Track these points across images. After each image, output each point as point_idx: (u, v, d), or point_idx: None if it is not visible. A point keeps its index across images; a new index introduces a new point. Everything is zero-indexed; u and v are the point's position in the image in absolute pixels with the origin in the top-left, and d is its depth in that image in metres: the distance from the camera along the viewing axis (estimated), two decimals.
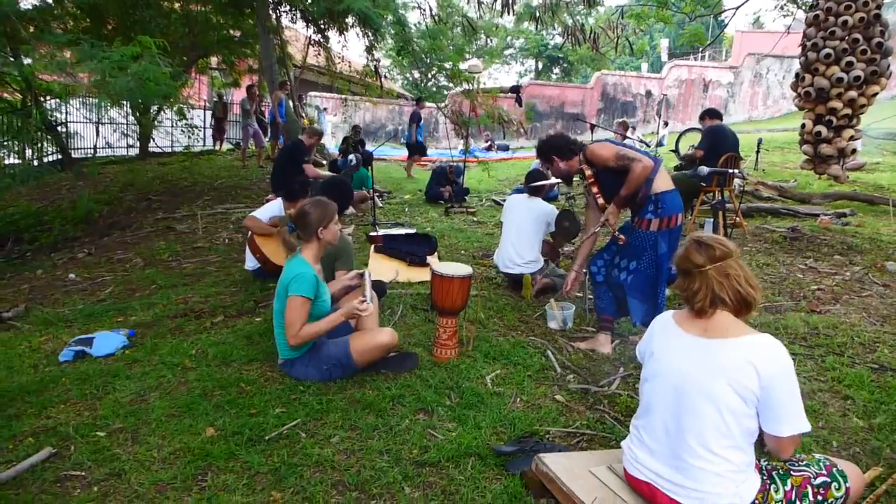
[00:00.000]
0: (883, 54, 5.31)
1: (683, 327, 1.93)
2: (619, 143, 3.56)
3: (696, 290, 1.87)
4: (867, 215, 7.58)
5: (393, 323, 3.83)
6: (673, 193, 3.38)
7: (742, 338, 1.80)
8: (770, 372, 1.73)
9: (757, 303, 1.89)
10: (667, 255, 3.35)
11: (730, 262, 1.86)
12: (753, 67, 23.66)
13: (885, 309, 4.25)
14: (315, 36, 12.01)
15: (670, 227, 3.35)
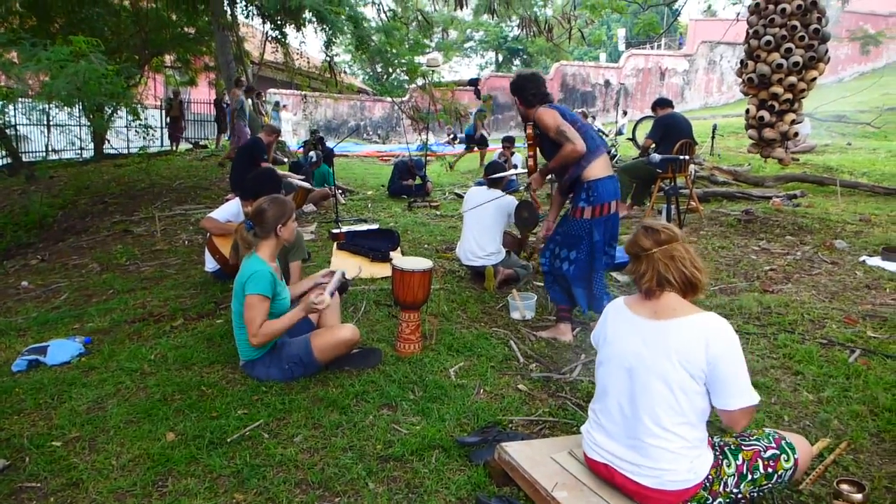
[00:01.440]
0: (820, 40, 5.49)
1: (634, 310, 2.00)
2: (576, 120, 3.48)
3: (644, 272, 1.95)
4: (817, 196, 7.83)
5: (356, 319, 3.83)
6: (607, 181, 3.37)
7: (689, 317, 1.88)
8: (716, 348, 1.80)
9: (703, 284, 1.96)
10: (601, 242, 3.38)
11: (675, 246, 1.94)
12: (707, 55, 24.18)
13: (834, 286, 4.40)
14: (272, 32, 11.84)
15: (604, 214, 3.35)
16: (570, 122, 3.40)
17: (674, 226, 2.03)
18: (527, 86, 3.53)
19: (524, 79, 3.59)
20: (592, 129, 3.56)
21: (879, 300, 4.09)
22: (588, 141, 3.35)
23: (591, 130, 3.49)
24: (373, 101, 21.73)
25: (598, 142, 3.45)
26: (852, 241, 5.56)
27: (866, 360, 3.16)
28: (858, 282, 4.48)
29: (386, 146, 17.51)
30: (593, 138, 3.44)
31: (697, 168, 9.04)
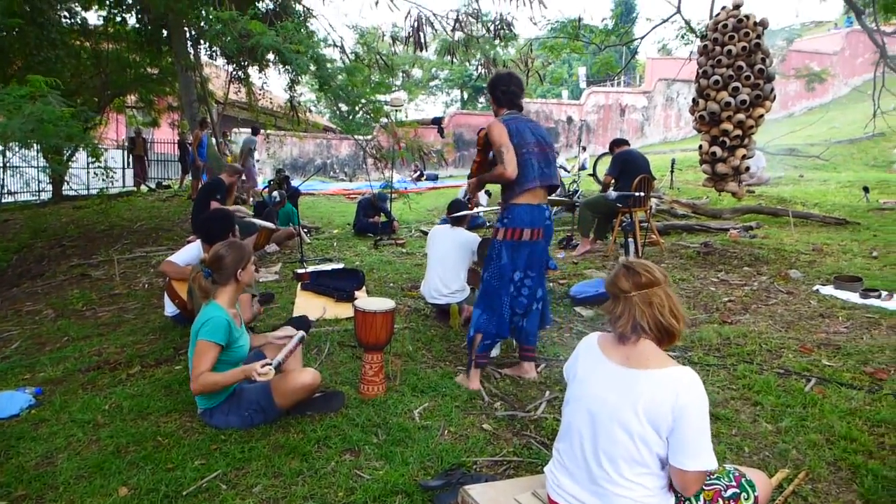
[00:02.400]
0: (765, 79, 5.75)
1: (606, 352, 1.94)
2: (528, 142, 3.31)
3: (619, 314, 1.89)
4: (772, 227, 8.09)
5: (320, 361, 3.78)
6: (525, 207, 3.29)
7: (661, 370, 1.82)
8: (683, 404, 1.74)
9: (680, 334, 1.90)
10: (508, 267, 3.32)
11: (655, 291, 1.87)
12: (665, 92, 25.01)
13: (789, 315, 4.52)
14: (236, 72, 11.90)
15: (514, 239, 3.30)
16: (519, 142, 3.27)
17: (657, 268, 1.95)
18: (498, 84, 3.49)
19: (498, 77, 3.59)
20: (543, 158, 3.35)
21: (833, 328, 4.21)
22: (526, 169, 3.25)
23: (532, 159, 3.29)
24: (339, 139, 21.82)
25: (536, 173, 3.29)
26: (806, 271, 5.74)
27: (822, 389, 3.23)
28: (813, 311, 4.61)
29: (352, 184, 17.54)
30: (532, 168, 3.28)
31: (658, 202, 9.27)
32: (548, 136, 3.46)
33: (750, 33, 5.75)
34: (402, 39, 6.16)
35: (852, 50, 26.14)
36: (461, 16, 5.96)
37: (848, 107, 22.80)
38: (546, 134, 3.46)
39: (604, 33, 10.85)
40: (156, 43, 10.66)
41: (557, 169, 3.53)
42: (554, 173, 3.40)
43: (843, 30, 26.91)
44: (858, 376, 3.38)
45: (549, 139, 3.45)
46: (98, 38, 11.39)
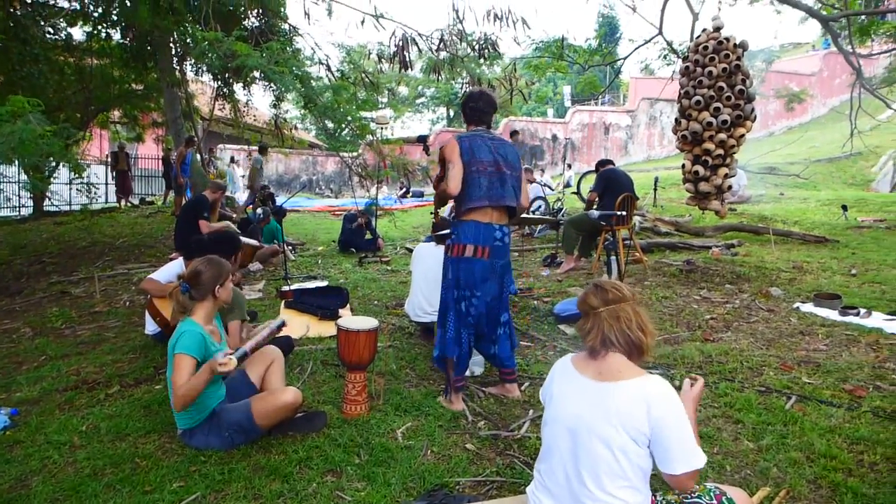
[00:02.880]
0: (746, 100, 5.85)
1: (579, 369, 2.00)
2: (484, 161, 3.28)
3: (589, 330, 1.97)
4: (753, 245, 8.18)
5: (302, 381, 3.75)
6: (472, 225, 3.27)
7: (632, 380, 1.87)
8: (658, 412, 1.80)
9: (649, 348, 1.97)
10: (452, 282, 3.32)
11: (623, 307, 1.95)
12: (648, 111, 25.37)
13: (770, 333, 4.56)
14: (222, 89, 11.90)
15: (459, 255, 3.29)
16: (469, 160, 3.24)
17: (625, 286, 2.04)
18: (468, 101, 3.50)
19: (469, 94, 3.59)
20: (497, 178, 3.30)
21: (813, 346, 4.25)
22: (471, 188, 3.24)
23: (481, 178, 3.25)
24: (325, 155, 21.85)
25: (483, 193, 3.25)
26: (787, 289, 5.81)
27: (802, 407, 3.26)
28: (793, 328, 4.66)
29: (338, 201, 17.54)
30: (479, 187, 3.25)
31: (641, 219, 9.36)
32: (512, 157, 3.40)
33: (730, 55, 5.87)
34: (387, 58, 6.20)
35: (830, 71, 26.71)
36: (446, 36, 6.02)
37: (827, 126, 23.24)
38: (511, 154, 3.41)
39: (587, 53, 11.01)
40: (141, 59, 10.64)
41: (518, 189, 3.40)
42: (508, 194, 3.32)
43: (821, 51, 27.51)
44: (838, 394, 3.42)
45: (512, 159, 3.39)
46: (82, 54, 11.34)
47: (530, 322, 5.02)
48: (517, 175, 3.41)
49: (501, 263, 3.38)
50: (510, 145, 3.48)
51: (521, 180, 3.44)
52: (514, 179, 3.38)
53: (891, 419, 3.07)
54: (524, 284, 6.36)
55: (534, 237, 9.42)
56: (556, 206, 9.87)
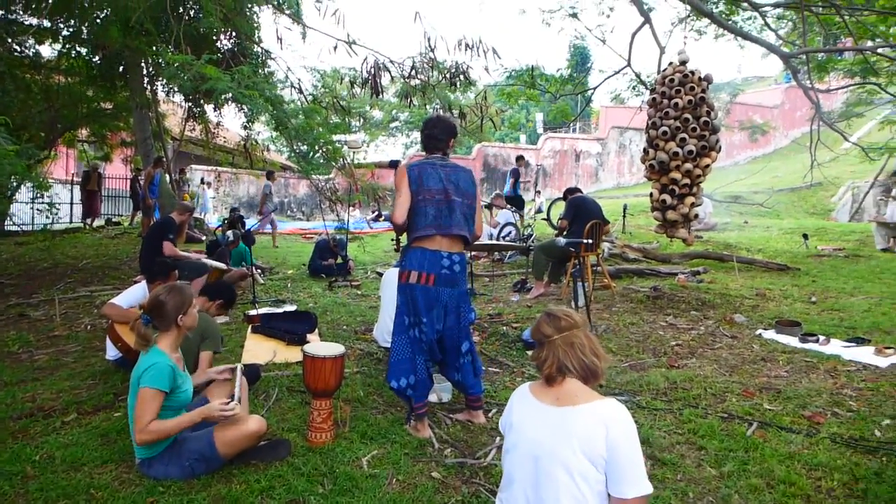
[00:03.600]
0: (711, 131, 6.03)
1: (537, 396, 2.03)
2: (432, 189, 3.31)
3: (545, 358, 2.00)
4: (718, 272, 8.35)
5: (267, 407, 3.68)
6: (418, 251, 3.29)
7: (589, 404, 1.91)
8: (613, 434, 1.83)
9: (602, 371, 2.02)
10: (402, 309, 3.34)
11: (575, 333, 2.01)
12: (618, 139, 25.92)
13: (734, 359, 4.64)
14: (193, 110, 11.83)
15: (405, 281, 3.31)
16: (416, 189, 3.26)
17: (576, 313, 2.09)
18: (424, 127, 3.53)
19: (426, 120, 3.60)
20: (445, 206, 3.30)
21: (774, 372, 4.34)
22: (417, 217, 3.27)
23: (427, 207, 3.27)
24: (297, 178, 21.77)
25: (429, 221, 3.26)
26: (750, 315, 5.93)
27: (763, 433, 3.32)
28: (755, 355, 4.75)
29: (310, 223, 17.43)
30: (425, 215, 3.27)
31: (610, 246, 9.50)
32: (465, 184, 3.39)
33: (695, 88, 6.05)
34: (360, 83, 6.26)
35: (791, 104, 27.67)
36: (417, 63, 6.10)
37: (789, 157, 24.01)
38: (465, 181, 3.40)
39: (559, 82, 11.24)
40: (110, 78, 10.54)
41: (470, 217, 3.39)
42: (456, 222, 3.30)
43: (783, 85, 28.51)
44: (797, 420, 3.49)
45: (464, 187, 3.38)
46: (49, 72, 11.18)
47: (499, 348, 5.03)
48: (469, 203, 3.40)
49: (452, 292, 3.35)
50: (465, 172, 3.46)
51: (474, 208, 3.43)
52: (466, 207, 3.37)
53: (847, 445, 3.14)
54: (494, 310, 6.38)
55: (504, 263, 9.48)
56: (526, 232, 9.96)
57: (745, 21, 10.74)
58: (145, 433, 2.62)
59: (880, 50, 9.46)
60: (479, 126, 7.11)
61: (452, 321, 3.40)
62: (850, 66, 11.77)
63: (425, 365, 3.39)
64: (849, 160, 14.64)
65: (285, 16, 7.52)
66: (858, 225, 13.79)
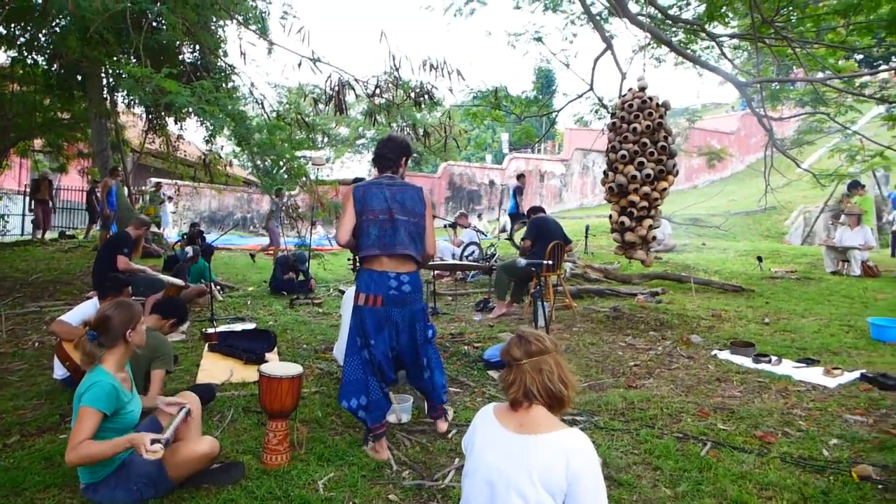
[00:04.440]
0: (668, 155, 6.20)
1: (501, 420, 2.00)
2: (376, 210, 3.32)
3: (512, 381, 1.98)
4: (676, 293, 8.52)
5: (222, 429, 3.60)
6: (366, 273, 3.31)
7: (552, 433, 1.89)
8: (575, 467, 1.81)
9: (570, 400, 2.00)
10: (354, 330, 3.34)
11: (545, 359, 1.97)
12: (581, 160, 26.38)
13: (689, 380, 4.72)
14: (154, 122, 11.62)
15: (356, 303, 3.32)
16: (361, 210, 3.29)
17: (548, 337, 2.05)
18: (376, 148, 3.55)
19: (378, 141, 3.62)
20: (389, 226, 3.31)
21: (728, 393, 4.43)
22: (361, 238, 3.30)
23: (370, 228, 3.29)
24: (261, 193, 21.52)
25: (372, 242, 3.28)
26: (706, 336, 6.05)
27: (716, 453, 3.37)
28: (711, 375, 4.85)
29: None
30: (368, 236, 3.29)
31: (572, 266, 9.61)
32: (411, 203, 3.38)
33: (653, 113, 6.22)
34: (324, 101, 6.24)
35: (747, 130, 28.62)
36: (381, 82, 6.13)
37: (744, 181, 24.75)
38: (411, 200, 3.39)
39: (524, 104, 11.40)
40: (68, 87, 10.28)
41: (416, 236, 3.37)
42: (401, 242, 3.29)
43: (739, 112, 29.49)
44: (749, 440, 3.56)
45: (411, 206, 3.38)
46: (2, 79, 10.86)
47: (460, 367, 5.03)
48: (416, 221, 3.38)
49: (404, 312, 3.34)
50: (413, 190, 3.44)
51: (422, 227, 3.41)
52: (412, 226, 3.36)
53: (797, 465, 3.21)
54: (456, 329, 6.38)
55: (467, 282, 9.51)
56: (490, 251, 10.02)
57: (704, 50, 11.10)
58: (74, 453, 2.49)
59: (829, 81, 9.88)
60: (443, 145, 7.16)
61: (406, 340, 3.41)
62: (802, 96, 12.28)
63: (379, 386, 3.38)
64: (801, 186, 15.19)
65: (250, 31, 7.48)
66: (810, 248, 14.26)
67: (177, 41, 6.66)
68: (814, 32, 9.00)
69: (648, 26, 8.08)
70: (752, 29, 8.12)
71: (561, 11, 10.96)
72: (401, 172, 3.54)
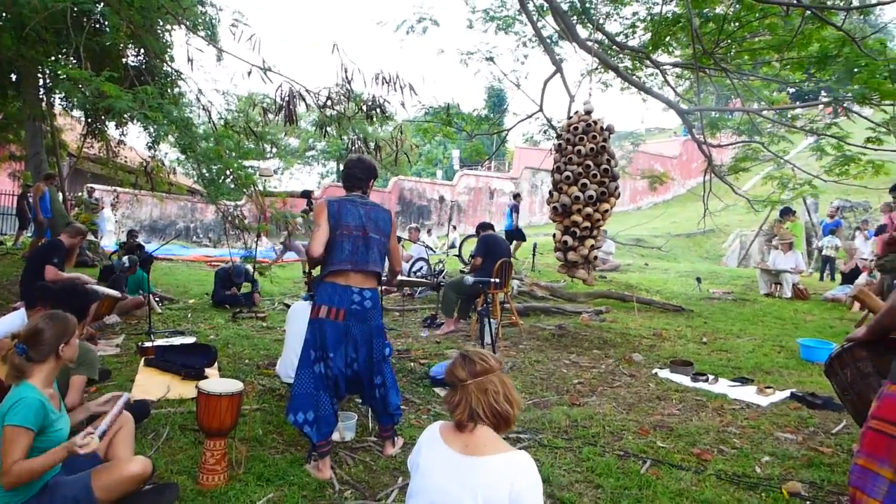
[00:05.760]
0: (611, 178, 6.37)
1: (446, 441, 1.98)
2: (351, 226, 3.38)
3: (457, 403, 1.97)
4: (620, 311, 8.72)
5: (156, 448, 3.45)
6: (329, 286, 3.33)
7: (497, 455, 1.88)
8: (518, 490, 1.81)
9: (514, 419, 2.01)
10: (310, 343, 3.33)
11: (490, 378, 1.97)
12: (530, 179, 26.83)
13: (631, 398, 4.82)
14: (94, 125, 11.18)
15: (315, 316, 3.32)
16: (335, 224, 3.32)
17: (492, 356, 2.05)
18: (345, 167, 3.61)
19: (346, 161, 3.68)
20: (362, 243, 3.37)
21: (667, 411, 4.54)
22: (334, 252, 3.32)
23: (345, 242, 3.32)
24: (205, 202, 20.98)
25: (345, 257, 3.32)
26: (647, 355, 6.20)
27: (656, 471, 3.44)
28: (651, 393, 4.96)
29: (216, 251, 16.76)
30: (341, 250, 3.32)
31: (519, 283, 9.72)
32: (383, 223, 3.50)
33: (598, 136, 6.38)
34: (273, 111, 6.16)
35: (689, 155, 29.75)
36: (333, 94, 6.09)
37: (685, 204, 25.69)
38: (383, 220, 3.50)
39: (475, 121, 11.53)
40: (1, 87, 9.80)
41: (383, 255, 3.50)
42: (372, 259, 3.39)
43: (681, 138, 30.64)
44: (687, 457, 3.65)
45: (383, 226, 3.48)
46: None
47: (406, 384, 4.99)
48: (385, 241, 3.51)
49: (363, 327, 3.38)
50: (383, 211, 3.59)
51: (388, 246, 3.55)
52: (382, 245, 3.49)
53: (731, 482, 3.31)
54: (403, 345, 6.34)
55: (415, 298, 9.48)
56: (438, 267, 10.03)
57: (648, 77, 11.51)
58: (10, 476, 2.36)
59: (763, 112, 10.39)
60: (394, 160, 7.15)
61: (364, 355, 3.42)
62: (739, 125, 12.85)
63: (330, 401, 3.34)
64: (737, 210, 15.85)
65: (199, 37, 7.32)
66: (745, 270, 14.88)
67: (120, 44, 6.44)
68: (750, 65, 9.47)
69: (596, 51, 8.33)
70: (693, 59, 8.48)
71: (513, 33, 11.19)
72: (368, 193, 3.63)
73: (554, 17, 9.22)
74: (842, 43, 7.80)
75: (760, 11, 7.99)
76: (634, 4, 10.10)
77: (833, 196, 16.75)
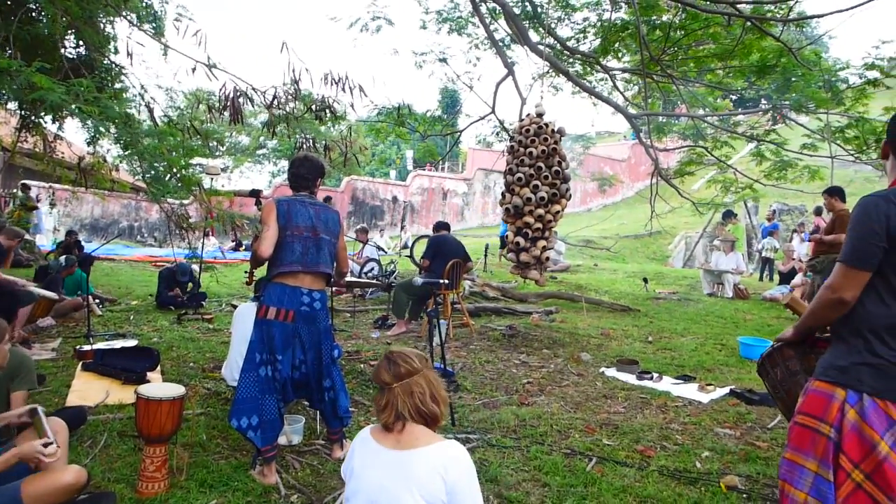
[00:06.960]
0: (562, 180, 6.48)
1: (378, 440, 2.00)
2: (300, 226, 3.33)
3: (384, 406, 1.97)
4: (569, 311, 8.86)
5: (92, 455, 3.33)
6: (278, 287, 3.27)
7: (429, 447, 1.91)
8: (453, 477, 1.85)
9: (442, 416, 2.02)
10: (256, 345, 3.26)
11: (415, 380, 1.98)
12: (483, 180, 27.03)
13: (578, 396, 4.91)
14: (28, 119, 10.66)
15: (263, 317, 3.25)
16: (284, 224, 3.26)
17: (416, 357, 2.05)
18: (290, 166, 3.55)
19: (293, 159, 3.61)
20: (312, 244, 3.33)
21: (613, 409, 4.64)
22: (284, 252, 3.26)
23: (295, 243, 3.28)
24: (149, 200, 20.32)
25: (296, 258, 3.27)
26: (595, 354, 6.32)
27: (601, 468, 3.51)
28: (598, 392, 5.06)
29: (161, 250, 16.26)
30: (292, 251, 3.27)
31: (471, 284, 9.77)
32: (333, 224, 3.47)
33: (549, 139, 6.48)
34: (218, 109, 6.01)
35: (637, 159, 30.50)
36: (279, 93, 5.99)
37: (634, 207, 26.31)
38: (332, 221, 3.48)
39: (428, 122, 11.53)
40: None
41: (334, 256, 3.47)
42: (323, 260, 3.37)
43: (630, 141, 31.41)
44: (631, 454, 3.74)
45: (332, 226, 3.46)
46: None
47: (356, 386, 4.95)
48: (335, 242, 3.49)
49: (311, 329, 3.34)
50: (332, 211, 3.56)
51: (337, 247, 3.53)
52: (332, 246, 3.46)
53: (673, 477, 3.41)
54: (353, 347, 6.29)
55: (366, 299, 9.42)
56: (390, 268, 9.99)
57: (598, 81, 11.76)
58: None
59: (707, 118, 10.75)
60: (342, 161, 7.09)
61: (312, 357, 3.38)
62: (684, 130, 13.26)
63: (276, 405, 3.28)
64: (683, 212, 16.33)
65: (143, 31, 7.08)
66: (689, 271, 15.35)
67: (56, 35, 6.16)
68: (696, 72, 9.78)
69: (547, 55, 8.45)
70: (641, 65, 8.70)
71: (466, 34, 11.25)
72: (316, 192, 3.57)
73: (506, 21, 9.31)
74: (780, 53, 8.15)
75: (704, 21, 8.26)
76: (585, 10, 10.30)
77: (772, 200, 17.45)
